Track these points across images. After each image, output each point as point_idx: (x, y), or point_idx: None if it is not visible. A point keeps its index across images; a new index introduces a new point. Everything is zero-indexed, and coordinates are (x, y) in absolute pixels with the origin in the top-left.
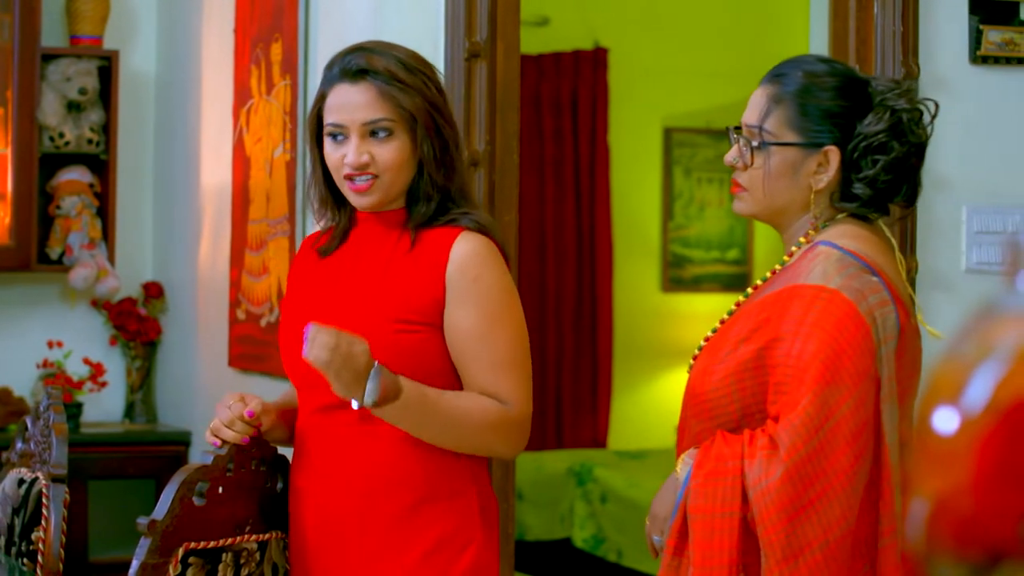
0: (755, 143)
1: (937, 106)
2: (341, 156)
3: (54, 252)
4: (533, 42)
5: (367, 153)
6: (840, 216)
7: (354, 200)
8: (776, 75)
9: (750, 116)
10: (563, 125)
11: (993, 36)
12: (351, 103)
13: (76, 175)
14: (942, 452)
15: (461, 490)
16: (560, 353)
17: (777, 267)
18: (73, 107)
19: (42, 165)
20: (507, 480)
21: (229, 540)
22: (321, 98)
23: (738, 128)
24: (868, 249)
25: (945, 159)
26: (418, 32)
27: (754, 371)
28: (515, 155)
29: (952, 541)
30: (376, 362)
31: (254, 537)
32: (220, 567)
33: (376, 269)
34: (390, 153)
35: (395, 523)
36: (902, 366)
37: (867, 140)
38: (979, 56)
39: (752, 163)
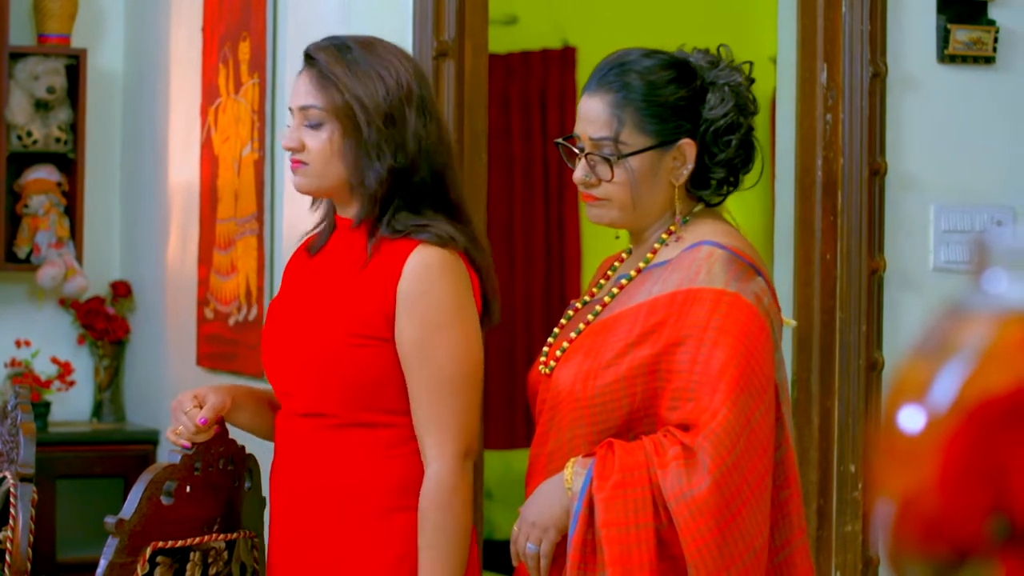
0: (612, 157)
1: (751, 65)
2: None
3: (21, 251)
4: (501, 41)
5: (298, 139)
6: (697, 208)
7: (293, 181)
8: (608, 80)
9: (597, 130)
10: (532, 124)
11: (961, 35)
12: (297, 87)
13: (44, 174)
14: (908, 451)
15: None
16: (529, 352)
17: (641, 265)
18: (41, 106)
19: (9, 164)
20: (475, 480)
21: (197, 539)
22: None
23: (568, 137)
24: (744, 247)
25: (913, 158)
26: (386, 31)
27: (648, 376)
28: (483, 154)
29: (918, 540)
30: None
31: (222, 536)
32: (188, 566)
33: (337, 279)
34: (316, 143)
35: (368, 527)
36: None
37: (715, 124)
38: (947, 55)
39: (613, 177)
